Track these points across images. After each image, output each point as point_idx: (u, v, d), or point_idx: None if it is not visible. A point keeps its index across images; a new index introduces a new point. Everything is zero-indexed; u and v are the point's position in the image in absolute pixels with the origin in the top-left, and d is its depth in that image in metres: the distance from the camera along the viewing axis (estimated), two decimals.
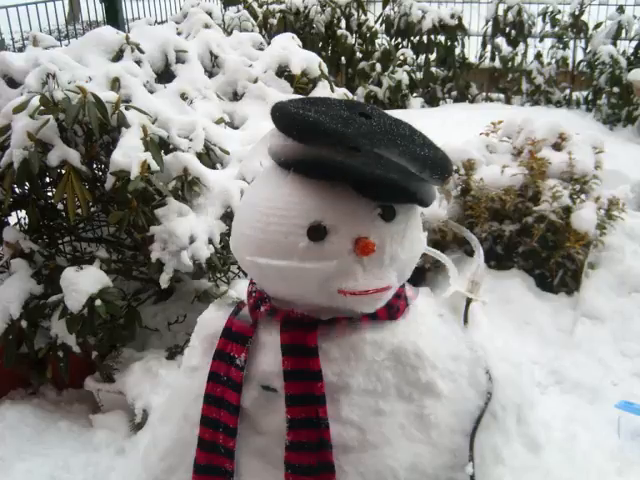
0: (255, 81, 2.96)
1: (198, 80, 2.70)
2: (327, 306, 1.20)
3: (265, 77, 3.02)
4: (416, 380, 1.26)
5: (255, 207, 1.19)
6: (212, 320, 1.38)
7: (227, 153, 2.43)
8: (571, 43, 6.31)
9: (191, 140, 2.30)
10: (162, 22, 4.96)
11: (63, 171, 2.07)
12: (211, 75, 2.96)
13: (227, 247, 2.27)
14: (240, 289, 2.34)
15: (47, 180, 2.27)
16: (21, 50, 3.50)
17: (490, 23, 6.59)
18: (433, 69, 6.69)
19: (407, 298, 1.32)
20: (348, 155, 1.08)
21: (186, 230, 2.12)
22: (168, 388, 2.15)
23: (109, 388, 2.25)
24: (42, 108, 2.06)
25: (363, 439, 1.23)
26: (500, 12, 6.49)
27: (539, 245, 2.88)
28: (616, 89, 5.38)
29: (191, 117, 2.39)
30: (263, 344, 1.27)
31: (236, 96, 2.96)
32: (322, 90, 3.19)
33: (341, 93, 3.27)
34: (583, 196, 2.93)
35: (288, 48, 3.12)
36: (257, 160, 1.30)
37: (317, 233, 1.12)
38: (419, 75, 6.67)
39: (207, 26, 3.15)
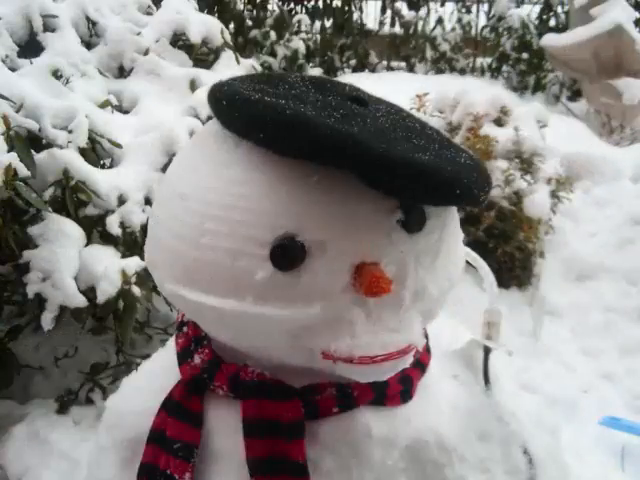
0: (146, 52, 2.47)
1: (74, 53, 2.19)
2: (303, 367, 0.74)
3: (158, 47, 2.53)
4: None
5: (183, 199, 0.70)
6: (132, 417, 0.88)
7: (119, 147, 1.95)
8: (474, 7, 6.15)
9: (70, 132, 1.82)
10: None
11: None
12: (89, 46, 2.44)
13: None
14: None
15: None
16: None
17: None
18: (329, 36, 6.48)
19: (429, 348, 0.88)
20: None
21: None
22: (63, 459, 1.66)
23: None
24: None
25: None
26: None
27: (485, 235, 2.56)
28: (525, 55, 5.22)
29: (69, 101, 1.90)
30: (217, 453, 0.79)
31: (122, 72, 2.47)
32: (226, 62, 2.73)
33: (248, 65, 2.82)
34: (528, 177, 2.64)
35: (183, 12, 2.62)
36: None
37: (288, 254, 0.66)
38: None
39: None
